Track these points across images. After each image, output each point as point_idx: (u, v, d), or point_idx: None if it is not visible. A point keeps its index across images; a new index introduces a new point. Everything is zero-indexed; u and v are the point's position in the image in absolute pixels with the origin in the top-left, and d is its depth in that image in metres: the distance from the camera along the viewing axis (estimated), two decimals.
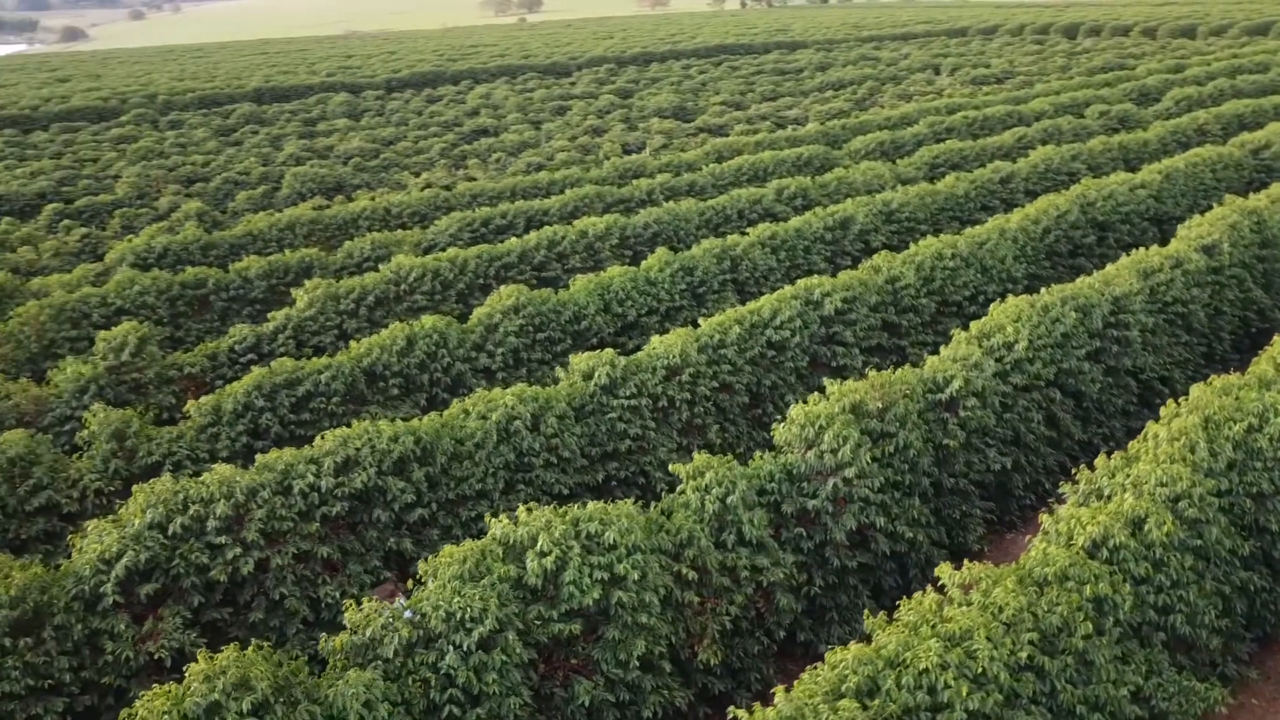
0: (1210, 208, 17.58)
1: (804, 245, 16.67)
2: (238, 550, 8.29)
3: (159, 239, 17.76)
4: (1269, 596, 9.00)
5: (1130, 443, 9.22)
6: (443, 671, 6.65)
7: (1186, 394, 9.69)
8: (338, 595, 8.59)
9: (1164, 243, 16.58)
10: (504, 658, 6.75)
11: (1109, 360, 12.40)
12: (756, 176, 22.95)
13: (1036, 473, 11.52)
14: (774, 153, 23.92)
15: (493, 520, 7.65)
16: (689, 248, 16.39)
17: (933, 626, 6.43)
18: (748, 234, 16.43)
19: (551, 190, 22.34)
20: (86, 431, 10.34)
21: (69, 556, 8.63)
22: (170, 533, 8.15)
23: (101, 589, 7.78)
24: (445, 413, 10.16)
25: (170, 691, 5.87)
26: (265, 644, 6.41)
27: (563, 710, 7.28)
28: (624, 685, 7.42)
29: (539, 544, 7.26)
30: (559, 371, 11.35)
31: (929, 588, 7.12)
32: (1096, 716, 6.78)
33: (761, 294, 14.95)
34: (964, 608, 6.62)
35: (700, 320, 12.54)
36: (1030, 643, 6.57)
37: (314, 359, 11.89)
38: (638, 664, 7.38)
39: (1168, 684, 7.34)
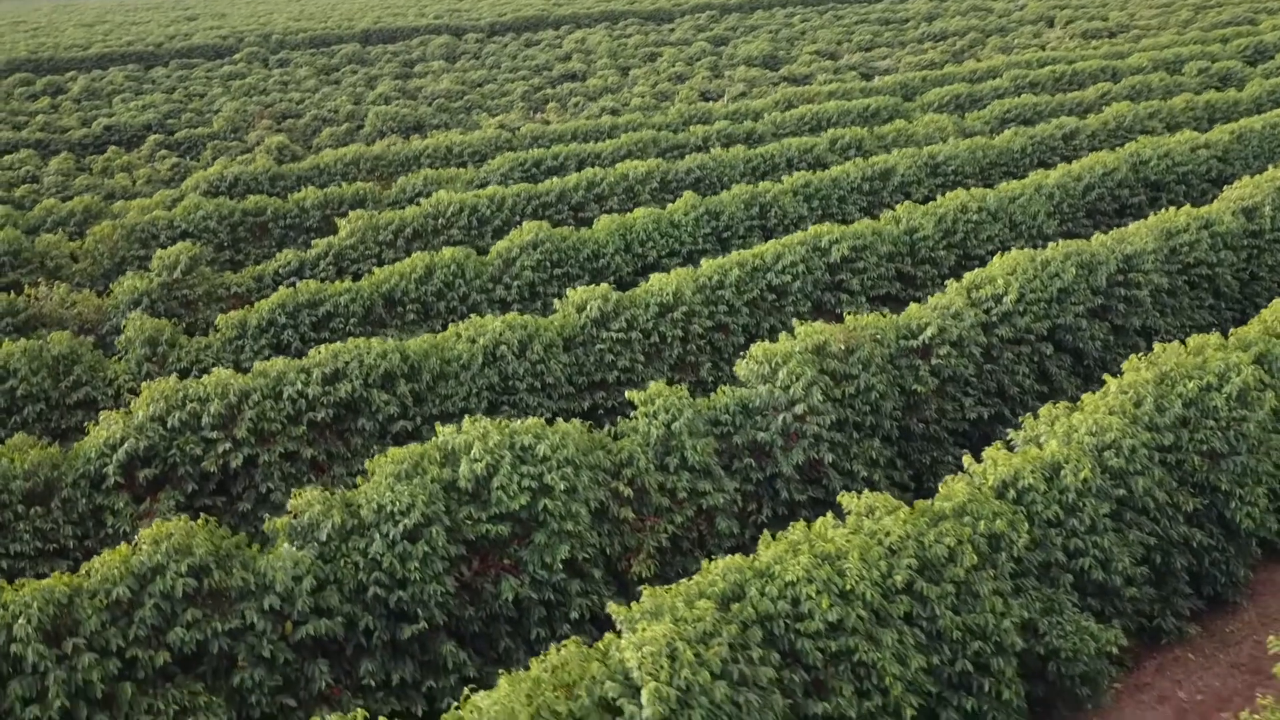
0: None
1: (839, 195, 16.74)
2: (228, 445, 9.22)
3: (231, 169, 18.98)
4: (1220, 555, 9.04)
5: (1084, 395, 9.30)
6: (370, 556, 7.40)
7: None
8: None
9: None
10: (427, 549, 7.45)
11: (1115, 319, 12.29)
12: (819, 126, 22.89)
13: None
14: (840, 103, 23.77)
15: (440, 428, 8.33)
16: None
17: (811, 545, 6.84)
18: (782, 181, 16.61)
19: (613, 134, 22.77)
20: (124, 337, 11.45)
21: None
22: (169, 425, 9.12)
23: (105, 469, 8.81)
24: (439, 335, 10.88)
25: (121, 551, 6.77)
26: (213, 519, 7.26)
27: (490, 605, 7.97)
28: (550, 587, 8.05)
29: (473, 451, 7.92)
30: (556, 303, 11.94)
31: (829, 513, 7.50)
32: (977, 643, 7.10)
33: None
34: (846, 531, 7.00)
35: None
36: (909, 568, 6.90)
37: (337, 282, 12.76)
38: (562, 568, 7.99)
39: (1066, 623, 7.57)
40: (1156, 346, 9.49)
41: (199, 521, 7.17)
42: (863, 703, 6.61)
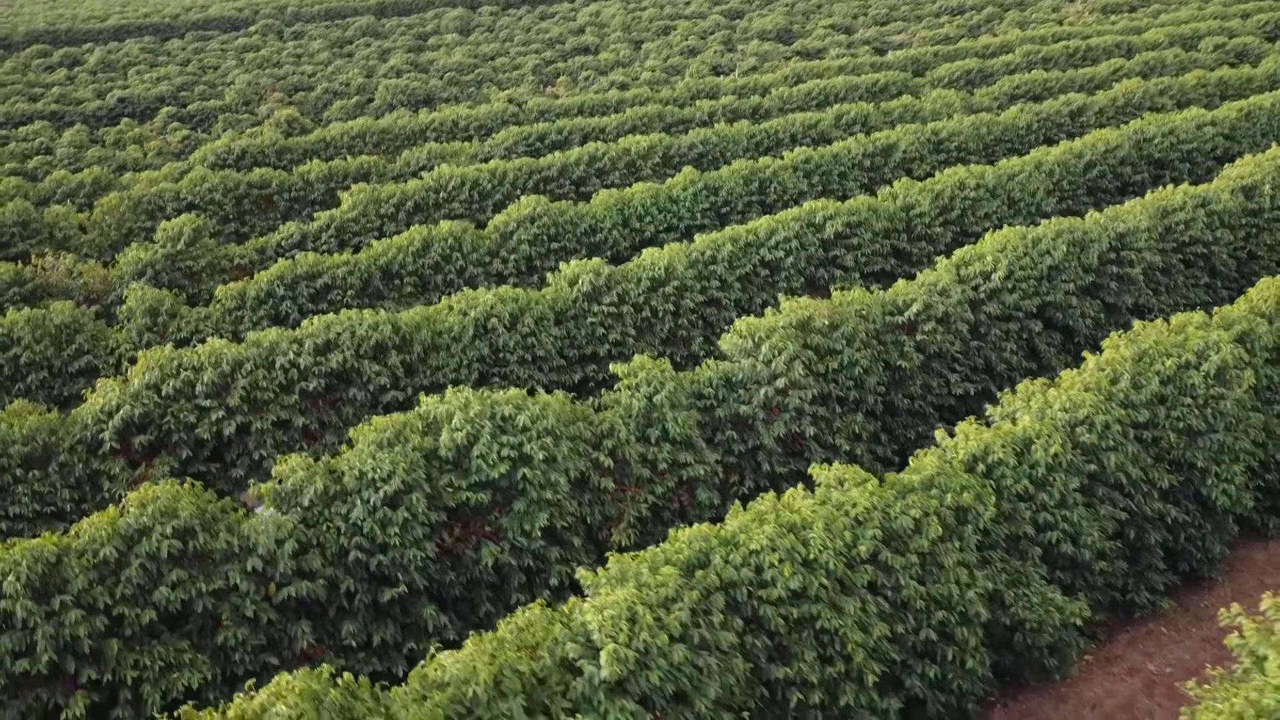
0: None
1: (840, 171, 16.76)
2: (222, 413, 9.45)
3: (239, 142, 19.17)
4: (1196, 532, 9.12)
5: (1063, 371, 9.36)
6: (352, 521, 7.62)
7: None
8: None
9: None
10: (407, 515, 7.65)
11: (1107, 297, 12.32)
12: (826, 101, 22.85)
13: None
14: (848, 78, 23.69)
15: (423, 397, 8.52)
16: None
17: (778, 515, 6.99)
18: (783, 157, 16.65)
19: (619, 109, 22.81)
20: (125, 307, 11.69)
21: None
22: (164, 393, 9.35)
23: (101, 435, 9.06)
24: (431, 307, 11.06)
25: (109, 513, 7.00)
26: (198, 483, 7.48)
27: (471, 570, 8.17)
28: (529, 553, 8.24)
29: (454, 420, 8.10)
30: (549, 277, 12.08)
31: (800, 485, 7.64)
32: (942, 613, 7.24)
33: None
34: (813, 502, 7.14)
35: None
36: (874, 539, 7.05)
37: (336, 255, 12.94)
38: (540, 535, 8.18)
39: (1033, 594, 7.71)
40: (1137, 324, 9.55)
41: (185, 485, 7.39)
42: (825, 668, 6.78)
